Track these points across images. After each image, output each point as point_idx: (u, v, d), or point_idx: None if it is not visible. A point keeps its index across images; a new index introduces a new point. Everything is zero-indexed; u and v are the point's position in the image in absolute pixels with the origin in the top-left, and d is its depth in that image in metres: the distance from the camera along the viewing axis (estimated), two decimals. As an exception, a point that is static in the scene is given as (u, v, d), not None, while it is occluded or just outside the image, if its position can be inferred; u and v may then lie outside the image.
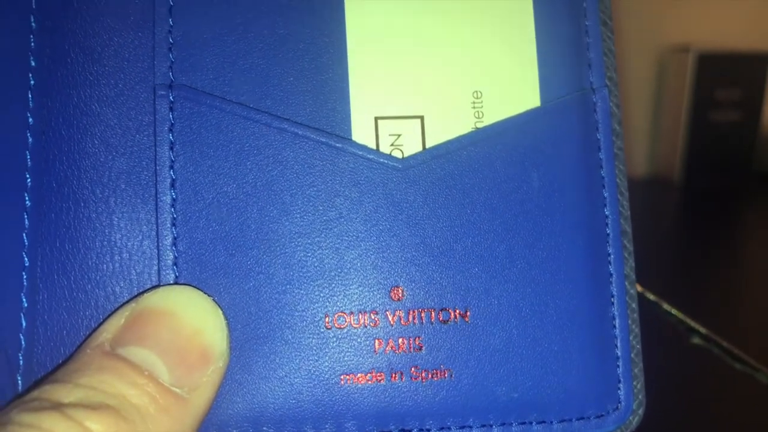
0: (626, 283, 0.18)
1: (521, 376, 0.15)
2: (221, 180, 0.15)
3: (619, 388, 0.16)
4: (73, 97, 0.15)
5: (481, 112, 0.16)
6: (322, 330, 0.15)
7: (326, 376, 0.15)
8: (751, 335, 0.44)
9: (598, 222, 0.17)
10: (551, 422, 0.15)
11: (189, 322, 0.14)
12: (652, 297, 0.44)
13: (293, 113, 0.15)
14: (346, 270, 0.15)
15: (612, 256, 0.17)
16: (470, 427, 0.15)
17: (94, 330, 0.14)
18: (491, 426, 0.15)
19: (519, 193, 0.16)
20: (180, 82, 0.15)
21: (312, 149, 0.15)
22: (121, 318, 0.14)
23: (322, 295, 0.15)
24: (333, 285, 0.15)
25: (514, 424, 0.15)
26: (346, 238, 0.15)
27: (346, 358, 0.15)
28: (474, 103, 0.16)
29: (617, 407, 0.16)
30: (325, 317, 0.15)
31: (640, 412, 0.16)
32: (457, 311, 0.15)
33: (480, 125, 0.16)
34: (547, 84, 0.16)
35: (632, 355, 0.17)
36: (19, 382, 0.14)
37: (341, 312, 0.15)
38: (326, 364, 0.15)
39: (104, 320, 0.14)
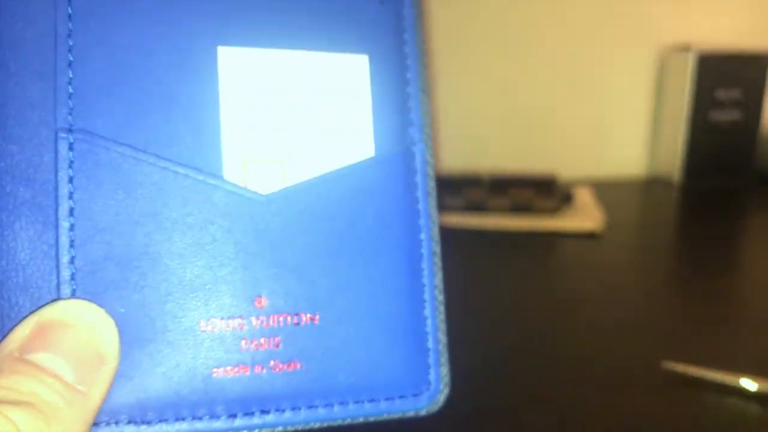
0: (436, 292, 0.22)
1: (357, 365, 0.20)
2: (113, 209, 0.18)
3: (430, 373, 0.21)
4: None
5: (330, 164, 0.21)
6: (197, 333, 0.19)
7: (201, 370, 0.19)
8: (752, 335, 0.44)
9: (415, 245, 0.21)
10: (379, 400, 0.20)
11: (85, 330, 0.17)
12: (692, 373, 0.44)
13: (175, 154, 0.19)
14: (218, 284, 0.19)
15: (425, 271, 0.21)
16: (316, 406, 0.19)
17: (2, 340, 0.16)
18: (332, 405, 0.20)
19: (357, 222, 0.20)
20: (78, 126, 0.18)
21: (190, 185, 0.19)
22: (26, 329, 0.16)
23: (197, 304, 0.19)
24: (207, 296, 0.19)
25: (350, 403, 0.20)
26: (219, 258, 0.19)
27: (217, 355, 0.19)
28: (324, 156, 0.21)
29: (429, 388, 0.21)
30: (200, 322, 0.19)
31: (447, 391, 0.21)
32: (308, 315, 0.20)
33: (327, 170, 0.20)
34: (379, 138, 0.21)
35: (440, 347, 0.22)
36: None
37: (213, 318, 0.19)
38: (201, 360, 0.19)
39: (10, 331, 0.16)
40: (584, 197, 0.76)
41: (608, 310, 0.48)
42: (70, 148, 0.18)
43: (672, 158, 0.89)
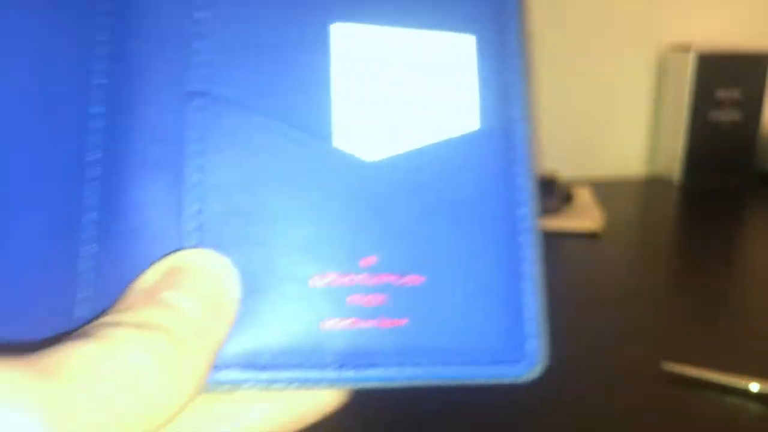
0: (533, 266, 0.22)
1: (459, 329, 0.20)
2: (235, 168, 0.20)
3: (528, 343, 0.21)
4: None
5: (435, 135, 0.21)
6: (308, 287, 0.20)
7: (311, 321, 0.20)
8: (752, 336, 0.44)
9: (514, 218, 0.22)
10: (479, 364, 0.20)
11: (210, 273, 0.18)
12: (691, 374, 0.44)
13: (292, 120, 0.21)
14: (328, 242, 0.20)
15: (523, 244, 0.22)
16: (420, 364, 0.20)
17: (135, 280, 0.18)
18: (435, 364, 0.20)
19: (459, 192, 0.21)
20: (207, 90, 0.20)
21: (305, 149, 0.20)
22: (156, 272, 0.18)
23: (309, 260, 0.20)
24: (318, 253, 0.20)
25: (452, 364, 0.20)
26: (330, 218, 0.20)
27: (326, 308, 0.20)
28: (430, 128, 0.21)
29: (526, 356, 0.21)
30: (312, 277, 0.20)
31: (543, 360, 0.21)
32: (414, 276, 0.20)
33: (432, 141, 0.21)
34: (482, 114, 0.22)
35: (538, 318, 0.22)
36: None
37: (323, 273, 0.20)
38: (311, 312, 0.20)
39: (143, 273, 0.18)
40: (584, 197, 0.76)
41: (608, 309, 0.48)
42: (199, 110, 0.20)
43: (672, 158, 0.89)
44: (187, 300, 0.17)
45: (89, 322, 0.17)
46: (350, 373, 0.20)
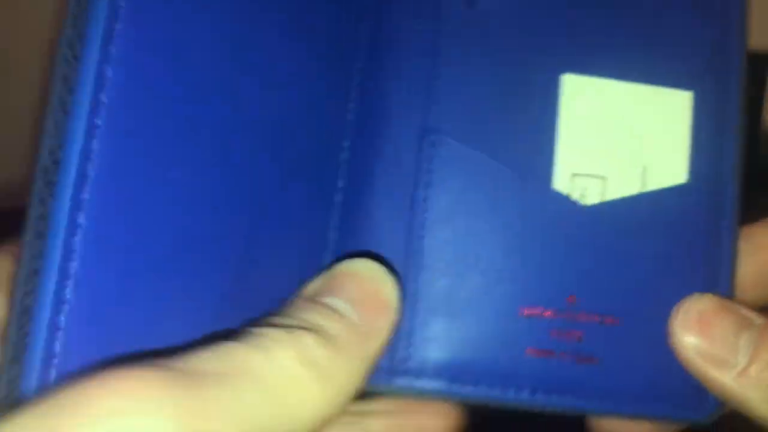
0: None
1: (647, 369, 0.22)
2: (457, 200, 0.22)
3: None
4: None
5: (645, 185, 0.23)
6: (516, 316, 0.22)
7: (516, 348, 0.21)
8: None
9: (715, 269, 0.22)
10: (667, 404, 0.22)
11: (369, 281, 0.19)
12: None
13: (515, 162, 0.22)
14: (538, 278, 0.22)
15: (720, 293, 0.22)
16: (607, 398, 0.22)
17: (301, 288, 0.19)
18: (623, 401, 0.22)
19: (664, 240, 0.22)
20: (439, 127, 0.22)
21: (525, 189, 0.22)
22: (320, 279, 0.19)
23: (521, 293, 0.22)
24: (527, 287, 0.22)
25: (638, 401, 0.22)
26: (542, 256, 0.22)
27: (530, 338, 0.21)
28: (641, 177, 0.23)
29: (708, 401, 0.22)
30: (519, 308, 0.22)
31: (720, 407, 0.22)
32: (611, 317, 0.22)
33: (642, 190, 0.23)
34: (693, 168, 0.23)
35: None
36: None
37: (531, 306, 0.22)
38: (517, 340, 0.21)
39: (310, 281, 0.19)
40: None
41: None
42: (431, 146, 0.22)
43: (672, 158, 0.88)
44: (342, 304, 0.17)
45: None
46: (541, 398, 0.21)
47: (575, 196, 0.22)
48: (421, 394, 0.21)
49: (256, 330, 0.15)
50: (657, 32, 0.23)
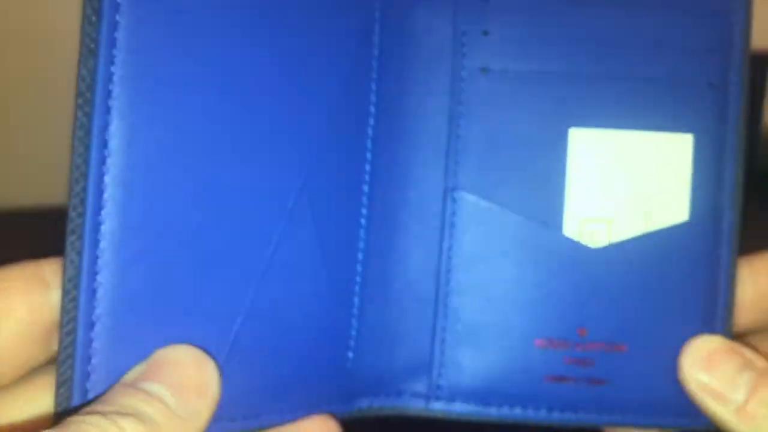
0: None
1: (651, 388, 0.24)
2: (479, 247, 0.25)
3: None
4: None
5: (649, 225, 0.25)
6: (533, 346, 0.24)
7: (535, 374, 0.24)
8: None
9: (714, 298, 0.24)
10: (670, 416, 0.24)
11: (187, 367, 0.19)
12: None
13: (528, 211, 0.24)
14: (552, 312, 0.24)
15: (719, 321, 0.25)
16: (616, 413, 0.24)
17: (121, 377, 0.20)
18: (629, 415, 0.24)
19: (667, 274, 0.24)
20: (459, 185, 0.25)
21: (539, 235, 0.24)
22: (140, 366, 0.19)
23: (537, 326, 0.24)
24: (544, 320, 0.24)
25: (646, 415, 0.24)
26: (555, 294, 0.24)
27: (546, 366, 0.24)
28: (644, 218, 0.25)
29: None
30: (536, 339, 0.24)
31: None
32: (619, 345, 0.24)
33: (646, 230, 0.25)
34: (694, 206, 0.24)
35: None
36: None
37: (546, 338, 0.24)
38: (535, 367, 0.24)
39: (131, 368, 0.19)
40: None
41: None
42: (453, 201, 0.25)
43: (672, 158, 0.88)
44: (162, 388, 0.18)
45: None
46: (557, 416, 0.24)
47: (585, 239, 0.25)
48: (455, 416, 0.25)
49: (75, 418, 0.16)
50: (657, 77, 0.25)
